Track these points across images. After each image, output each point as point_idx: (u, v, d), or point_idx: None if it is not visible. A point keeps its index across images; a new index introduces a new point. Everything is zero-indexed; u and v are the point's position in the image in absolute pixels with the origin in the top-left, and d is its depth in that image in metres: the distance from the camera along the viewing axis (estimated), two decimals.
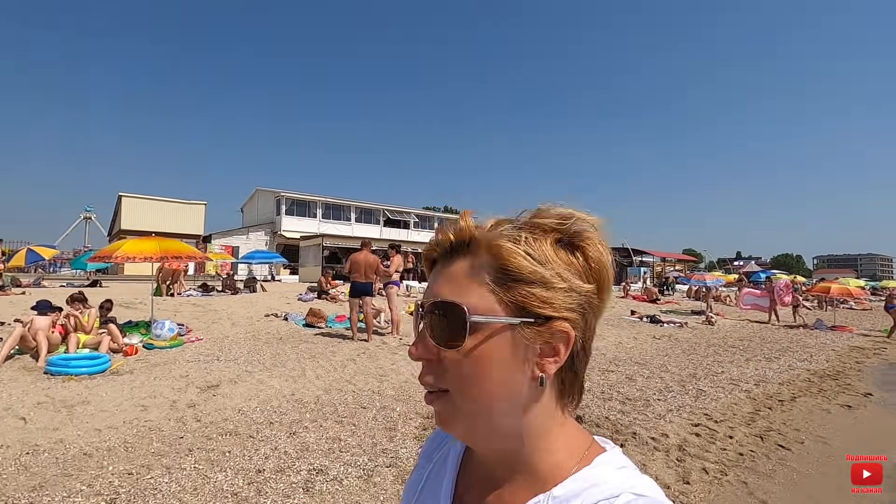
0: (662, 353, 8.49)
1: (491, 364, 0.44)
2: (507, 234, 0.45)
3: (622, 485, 0.43)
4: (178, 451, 3.41)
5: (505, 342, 0.44)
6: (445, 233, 0.48)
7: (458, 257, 0.47)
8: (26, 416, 3.88)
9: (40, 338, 5.42)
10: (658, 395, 5.35)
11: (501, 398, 0.45)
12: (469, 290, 0.45)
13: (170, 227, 29.33)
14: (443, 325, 0.44)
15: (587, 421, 4.24)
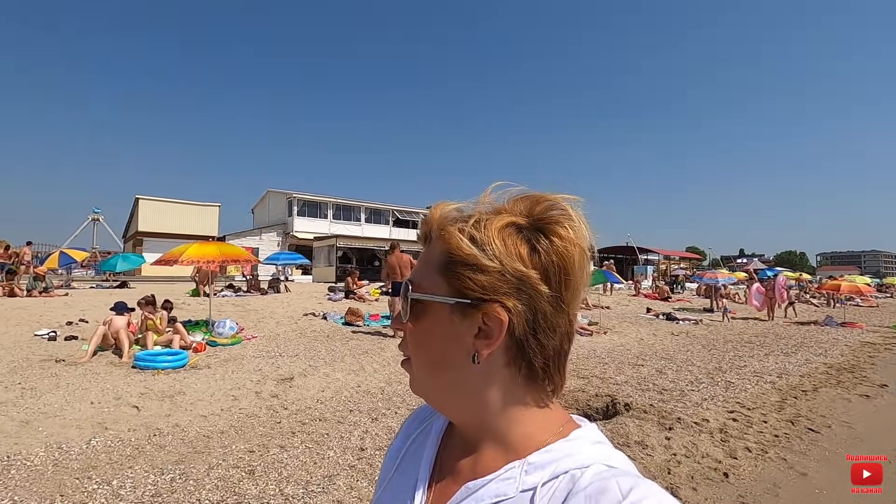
0: (684, 348, 8.92)
1: (431, 338, 0.48)
2: (456, 220, 0.48)
3: (595, 456, 0.45)
4: (283, 433, 3.88)
5: (443, 320, 0.47)
6: (422, 226, 0.54)
7: (427, 246, 0.51)
8: (138, 405, 4.35)
9: (122, 335, 5.91)
10: (690, 387, 5.80)
11: (445, 368, 0.48)
12: (423, 271, 0.49)
13: (185, 229, 29.87)
14: (403, 300, 0.49)
15: (635, 408, 4.69)
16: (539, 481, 0.44)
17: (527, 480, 0.45)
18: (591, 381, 6.04)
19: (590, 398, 5.09)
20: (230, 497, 2.82)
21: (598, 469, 0.43)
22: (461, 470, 0.51)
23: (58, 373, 5.08)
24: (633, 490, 0.39)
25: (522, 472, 0.46)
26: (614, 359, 7.72)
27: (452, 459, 0.53)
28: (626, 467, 0.44)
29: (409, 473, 0.56)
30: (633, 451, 3.65)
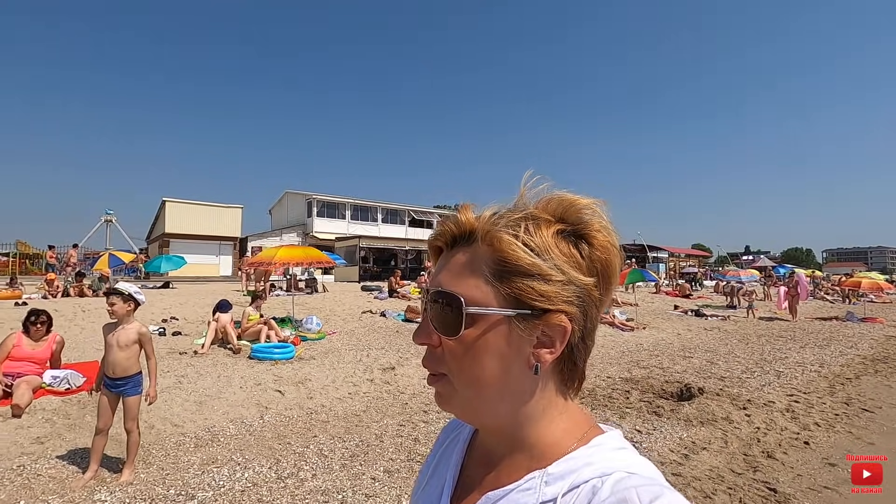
0: (722, 342, 9.54)
1: (486, 353, 0.45)
2: (506, 225, 0.45)
3: (616, 464, 0.43)
4: (417, 411, 4.54)
5: (500, 333, 0.45)
6: (448, 224, 0.49)
7: (460, 248, 0.48)
8: (280, 390, 5.02)
9: (229, 330, 6.58)
10: (745, 375, 6.42)
11: (496, 385, 0.46)
12: (468, 281, 0.45)
13: (210, 230, 30.59)
14: (443, 314, 0.46)
15: (708, 392, 5.32)
16: (559, 492, 0.43)
17: (546, 492, 0.44)
18: (652, 370, 6.68)
19: (663, 384, 5.73)
20: (413, 457, 3.47)
21: (618, 477, 0.42)
22: (483, 480, 0.51)
23: (191, 363, 5.75)
24: (656, 500, 0.38)
25: (542, 482, 0.45)
26: (662, 351, 8.34)
27: (476, 469, 0.53)
28: (649, 474, 0.43)
29: (437, 483, 0.56)
30: (721, 426, 4.28)
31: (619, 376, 6.24)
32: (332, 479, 3.09)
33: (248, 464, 3.34)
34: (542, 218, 0.46)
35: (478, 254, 0.46)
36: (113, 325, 3.21)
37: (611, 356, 7.82)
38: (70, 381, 4.58)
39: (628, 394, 5.28)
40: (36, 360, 4.51)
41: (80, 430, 3.83)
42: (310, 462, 3.36)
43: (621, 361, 7.37)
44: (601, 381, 5.99)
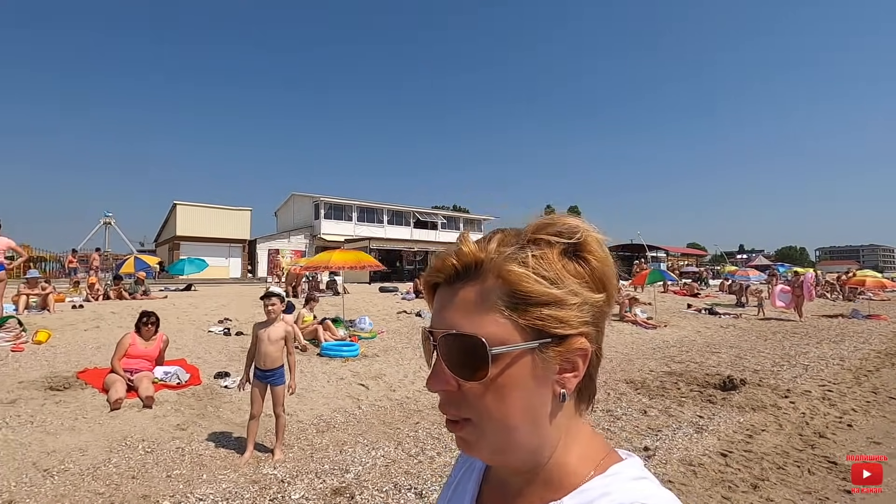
0: (742, 339, 10.08)
1: (513, 390, 0.44)
2: (515, 256, 0.44)
3: (634, 495, 0.42)
4: None
5: (525, 367, 0.44)
6: (448, 259, 0.47)
7: (466, 283, 0.46)
8: (363, 384, 5.48)
9: (297, 329, 7.02)
10: (775, 368, 6.94)
11: (525, 420, 0.44)
12: (483, 318, 0.44)
13: (220, 233, 30.90)
14: (461, 357, 0.44)
15: (749, 383, 5.82)
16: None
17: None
18: (688, 365, 7.19)
19: (704, 377, 6.23)
20: None
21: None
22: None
23: None
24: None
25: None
26: (689, 348, 8.86)
27: (491, 500, 0.53)
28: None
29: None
30: (771, 412, 4.78)
31: (659, 370, 6.74)
32: (456, 456, 3.56)
33: (374, 445, 3.80)
34: (543, 240, 0.45)
35: (488, 288, 0.44)
36: (264, 323, 3.66)
37: (643, 352, 8.33)
38: (179, 376, 5.03)
39: (677, 385, 5.78)
40: (148, 357, 4.95)
41: (209, 419, 4.28)
42: (428, 443, 3.83)
43: (655, 357, 7.88)
44: (645, 374, 6.48)
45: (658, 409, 4.83)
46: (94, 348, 6.46)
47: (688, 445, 3.84)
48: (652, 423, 4.38)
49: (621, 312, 11.68)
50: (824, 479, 3.29)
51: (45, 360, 5.67)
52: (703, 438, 4.01)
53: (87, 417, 4.05)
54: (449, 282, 0.47)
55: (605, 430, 4.24)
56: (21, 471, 3.17)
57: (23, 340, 6.22)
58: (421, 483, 3.19)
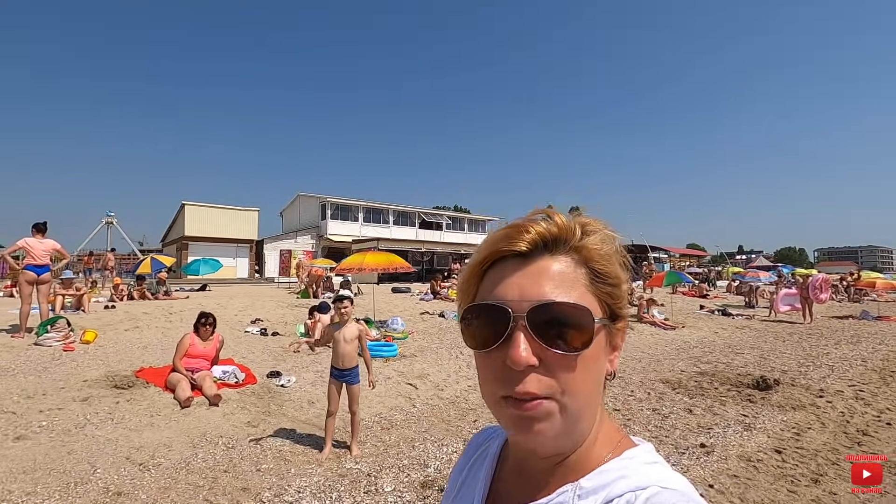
0: (759, 340, 10.25)
1: (595, 364, 0.46)
2: (600, 238, 0.48)
3: (649, 478, 0.44)
4: None
5: (601, 340, 0.46)
6: (536, 227, 0.47)
7: (554, 254, 0.47)
8: (412, 384, 5.63)
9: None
10: (802, 369, 7.11)
11: (595, 397, 0.46)
12: (577, 289, 0.45)
13: (228, 233, 31.02)
14: (560, 328, 0.44)
15: (783, 383, 5.99)
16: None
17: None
18: (717, 365, 7.36)
19: (736, 377, 6.40)
20: None
21: (653, 492, 0.42)
22: (514, 494, 0.51)
23: (317, 360, 6.34)
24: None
25: (575, 496, 0.45)
26: (712, 348, 9.03)
27: (507, 482, 0.53)
28: (683, 488, 0.43)
29: (465, 498, 0.56)
30: (811, 410, 4.95)
31: (690, 370, 6.91)
32: None
33: (441, 441, 3.96)
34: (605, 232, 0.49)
35: (575, 261, 0.46)
36: (337, 325, 3.82)
37: (668, 353, 8.50)
38: (236, 375, 5.18)
39: (713, 385, 5.95)
40: (206, 356, 5.10)
41: (276, 416, 4.43)
42: None
43: (681, 357, 8.04)
44: (677, 374, 6.65)
45: (702, 408, 4.99)
46: (141, 348, 6.61)
47: (741, 443, 4.01)
48: (700, 422, 4.54)
49: (639, 314, 11.85)
50: None
51: (98, 359, 5.81)
52: (753, 436, 4.17)
53: (161, 415, 4.20)
54: (529, 253, 0.47)
55: (657, 427, 4.40)
56: (117, 465, 3.32)
57: (71, 340, 6.36)
58: None
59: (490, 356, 0.46)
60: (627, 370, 6.84)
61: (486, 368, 0.46)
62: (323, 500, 2.96)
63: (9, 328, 7.15)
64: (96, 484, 3.07)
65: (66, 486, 3.01)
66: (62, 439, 3.62)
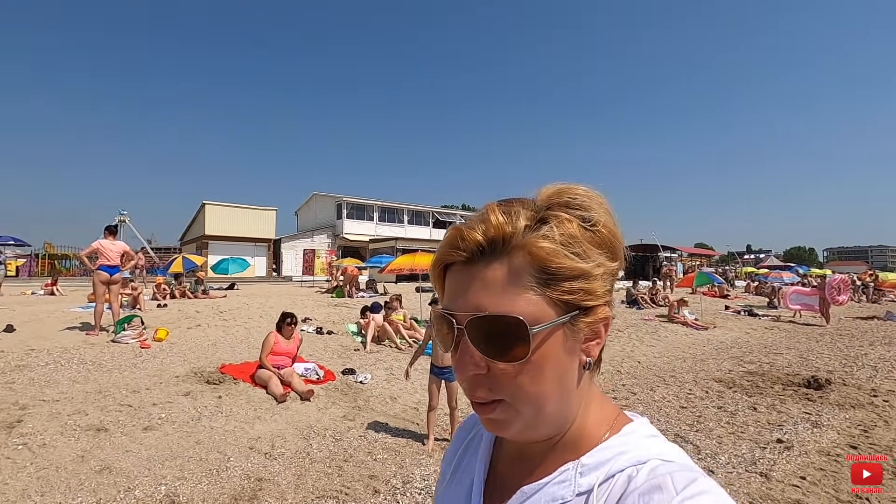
0: (792, 340, 10.41)
1: (547, 365, 0.44)
2: (542, 231, 0.44)
3: (650, 452, 0.45)
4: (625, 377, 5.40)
5: (557, 341, 0.44)
6: (472, 234, 0.45)
7: (492, 260, 0.44)
8: None
9: (387, 328, 7.44)
10: (846, 369, 7.28)
11: (557, 392, 0.45)
12: (516, 297, 0.43)
13: (247, 232, 31.44)
14: (495, 339, 0.43)
15: (835, 382, 6.18)
16: (595, 482, 0.44)
17: (582, 483, 0.45)
18: (761, 365, 7.55)
19: (785, 376, 6.60)
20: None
21: (654, 465, 0.43)
22: (516, 474, 0.51)
23: (381, 359, 6.61)
24: (689, 486, 0.39)
25: (577, 473, 0.46)
26: (749, 349, 9.21)
27: (507, 463, 0.54)
28: (682, 460, 0.44)
29: (463, 482, 0.56)
30: (870, 409, 5.14)
31: (738, 370, 7.10)
32: None
33: None
34: (562, 215, 0.45)
35: (517, 264, 0.43)
36: None
37: (708, 353, 8.69)
38: (317, 372, 5.44)
39: (767, 384, 6.15)
40: (289, 354, 5.36)
41: (367, 411, 4.69)
42: None
43: (723, 357, 8.23)
44: (726, 374, 6.85)
45: (764, 406, 5.20)
46: (210, 345, 6.90)
47: (815, 438, 4.22)
48: (769, 419, 4.76)
49: (670, 314, 12.05)
50: None
51: (177, 356, 6.10)
52: (824, 432, 4.38)
53: (262, 409, 4.47)
54: (471, 260, 0.45)
55: (729, 423, 4.62)
56: (244, 454, 3.59)
57: (145, 338, 6.66)
58: None
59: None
60: (677, 369, 7.05)
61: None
62: None
63: (80, 326, 7.47)
64: (235, 471, 3.34)
65: (209, 473, 3.28)
66: (185, 430, 3.89)
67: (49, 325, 7.50)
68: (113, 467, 3.24)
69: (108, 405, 4.22)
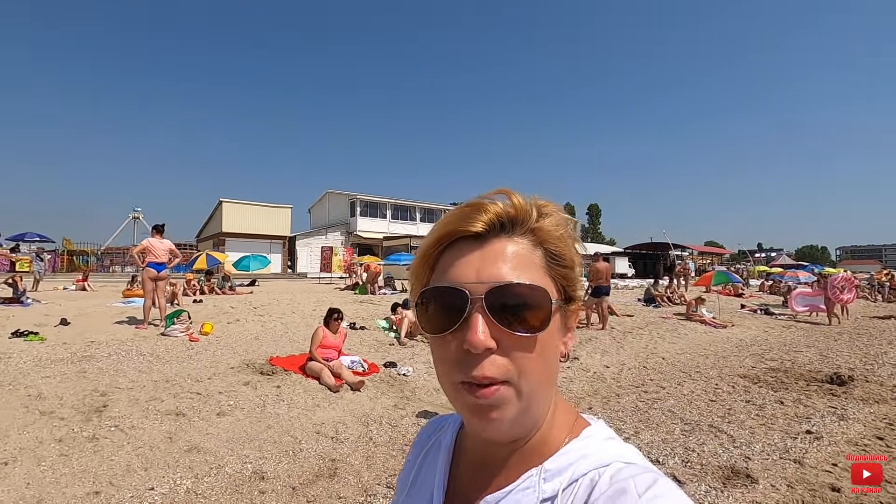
0: (811, 339, 10.56)
1: (550, 345, 0.46)
2: (555, 220, 0.48)
3: (610, 454, 0.46)
4: (686, 367, 5.65)
5: (556, 322, 0.47)
6: (493, 207, 0.46)
7: (511, 236, 0.47)
8: None
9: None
10: (867, 366, 7.46)
11: (550, 377, 0.47)
12: (533, 271, 0.46)
13: (263, 230, 31.95)
14: (518, 309, 0.44)
15: (857, 379, 6.38)
16: (559, 488, 0.45)
17: (546, 489, 0.45)
18: (783, 362, 7.75)
19: (808, 373, 6.80)
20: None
21: (616, 468, 0.44)
22: (477, 484, 0.51)
23: (417, 353, 6.91)
24: (651, 488, 0.40)
25: (540, 479, 0.46)
26: (769, 347, 9.39)
27: (467, 473, 0.53)
28: (641, 461, 0.46)
29: (422, 494, 0.55)
30: (892, 405, 5.35)
31: (760, 367, 7.32)
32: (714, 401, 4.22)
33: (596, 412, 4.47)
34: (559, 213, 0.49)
35: (531, 242, 0.47)
36: None
37: (729, 350, 8.90)
38: (362, 364, 5.75)
39: (791, 380, 6.37)
40: (336, 347, 5.68)
41: (415, 401, 4.99)
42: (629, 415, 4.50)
43: (744, 354, 8.44)
44: (749, 370, 7.07)
45: (790, 400, 5.43)
46: (252, 338, 7.24)
47: (843, 430, 4.45)
48: (796, 412, 4.99)
49: (688, 312, 12.23)
50: None
51: (226, 348, 6.44)
52: (850, 425, 4.61)
53: (319, 398, 4.79)
54: (484, 234, 0.46)
55: (759, 416, 4.86)
56: (313, 438, 3.90)
57: (192, 331, 7.01)
58: None
59: (447, 341, 0.45)
60: (700, 365, 7.28)
61: (442, 353, 0.46)
62: None
63: (127, 320, 7.86)
64: (309, 452, 3.65)
65: (286, 454, 3.60)
66: (254, 416, 4.21)
67: (98, 320, 7.89)
68: (199, 447, 3.56)
69: (179, 393, 4.56)
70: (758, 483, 3.30)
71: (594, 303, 9.62)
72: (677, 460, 3.68)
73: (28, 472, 3.06)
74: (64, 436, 3.55)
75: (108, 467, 3.20)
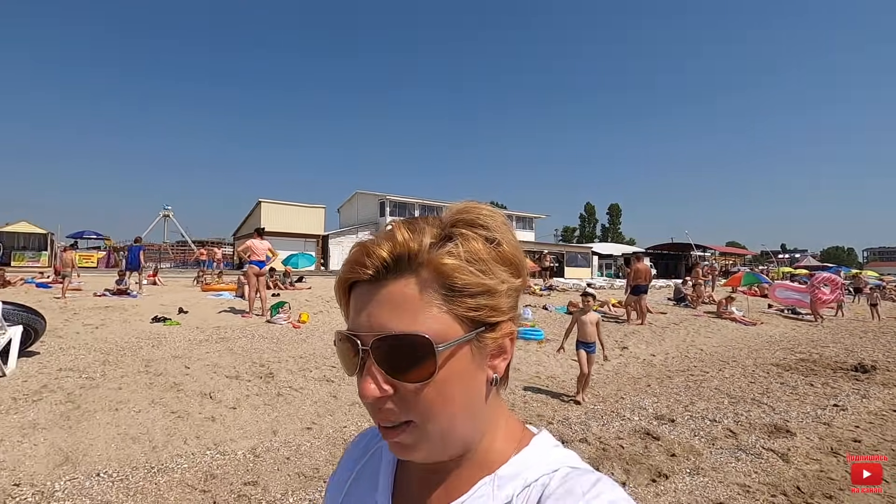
0: (837, 336, 11.31)
1: (455, 384, 0.44)
2: (448, 247, 0.44)
3: (558, 460, 0.48)
4: (699, 371, 6.61)
5: (464, 358, 0.45)
6: (377, 250, 0.44)
7: (397, 277, 0.44)
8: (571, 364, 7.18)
9: None
10: (888, 359, 8.27)
11: (465, 411, 0.46)
12: (421, 314, 0.43)
13: (299, 229, 33.47)
14: (402, 359, 0.43)
15: (880, 368, 7.22)
16: (513, 493, 0.46)
17: (500, 495, 0.47)
18: (811, 355, 8.60)
19: (835, 363, 7.67)
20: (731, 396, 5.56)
21: (564, 472, 0.46)
22: (428, 496, 0.50)
23: None
24: (593, 487, 0.43)
25: (494, 486, 0.47)
26: (797, 342, 10.20)
27: (414, 487, 0.53)
28: (585, 466, 0.48)
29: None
30: None
31: (790, 358, 8.19)
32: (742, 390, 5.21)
33: (658, 396, 5.47)
34: (466, 233, 0.45)
35: (422, 281, 0.44)
36: (582, 310, 5.38)
37: (760, 345, 9.74)
38: None
39: (819, 368, 7.25)
40: None
41: (512, 381, 6.04)
42: (669, 397, 5.49)
43: (774, 348, 9.29)
44: (781, 360, 7.94)
45: (819, 383, 6.34)
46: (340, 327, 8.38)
47: (865, 405, 5.37)
48: (825, 391, 5.91)
49: (719, 311, 13.05)
50: None
51: (327, 334, 7.59)
52: (871, 402, 5.52)
53: None
54: (376, 278, 0.45)
55: (792, 393, 5.79)
56: None
57: (293, 319, 8.19)
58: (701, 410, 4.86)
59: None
60: (736, 356, 8.19)
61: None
62: (591, 422, 4.54)
63: (228, 310, 9.09)
64: None
65: None
66: None
67: (205, 310, 9.15)
68: (358, 402, 4.67)
69: (319, 365, 5.70)
70: (795, 436, 4.28)
71: (633, 300, 10.55)
72: (730, 420, 4.68)
73: (252, 414, 4.22)
74: (260, 391, 4.71)
75: (304, 413, 4.34)
